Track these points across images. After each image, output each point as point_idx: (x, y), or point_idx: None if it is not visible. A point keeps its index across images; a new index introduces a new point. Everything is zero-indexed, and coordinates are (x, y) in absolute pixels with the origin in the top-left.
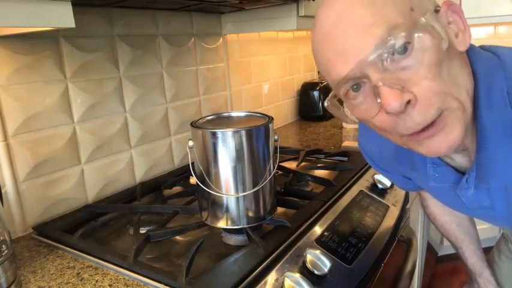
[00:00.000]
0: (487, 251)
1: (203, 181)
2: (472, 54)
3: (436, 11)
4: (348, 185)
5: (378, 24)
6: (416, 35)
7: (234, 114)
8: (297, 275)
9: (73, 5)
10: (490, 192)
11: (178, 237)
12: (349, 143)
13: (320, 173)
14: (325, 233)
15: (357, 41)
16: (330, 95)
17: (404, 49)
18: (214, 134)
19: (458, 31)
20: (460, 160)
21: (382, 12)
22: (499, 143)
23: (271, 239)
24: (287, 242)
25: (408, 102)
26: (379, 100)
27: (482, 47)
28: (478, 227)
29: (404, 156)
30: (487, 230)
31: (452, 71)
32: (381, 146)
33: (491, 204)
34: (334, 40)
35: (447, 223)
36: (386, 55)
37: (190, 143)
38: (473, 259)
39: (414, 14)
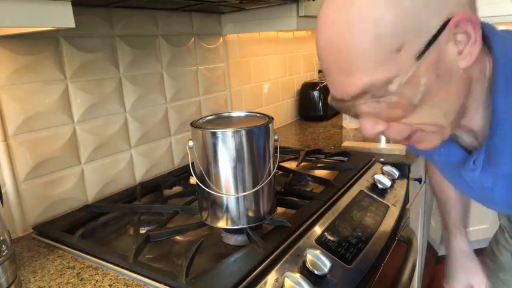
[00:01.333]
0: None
1: (203, 181)
2: (493, 38)
3: (443, 27)
4: (348, 185)
5: (356, 76)
6: (388, 92)
7: (234, 114)
8: (297, 275)
9: (73, 5)
10: (494, 175)
11: (178, 237)
12: (349, 143)
13: (320, 173)
14: (325, 233)
15: (340, 81)
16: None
17: (380, 97)
18: (214, 134)
19: (466, 46)
20: (467, 140)
21: (360, 64)
22: (510, 128)
23: (271, 239)
24: (287, 242)
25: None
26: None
27: (504, 31)
28: (478, 227)
29: None
30: (487, 229)
31: (436, 101)
32: None
33: (492, 186)
34: (325, 63)
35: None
36: (364, 98)
37: (190, 143)
38: (456, 219)
39: (401, 56)
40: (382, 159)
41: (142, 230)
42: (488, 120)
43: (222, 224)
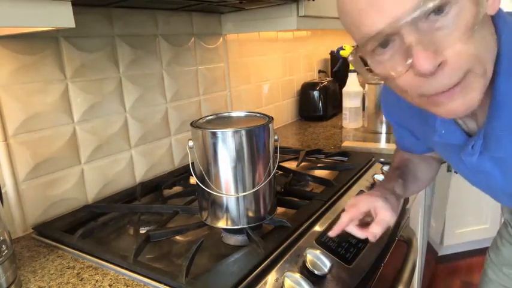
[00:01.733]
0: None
1: (203, 181)
2: (499, 20)
3: None
4: (348, 185)
5: None
6: None
7: (234, 114)
8: (297, 275)
9: (73, 5)
10: (491, 160)
11: (178, 237)
12: (349, 143)
13: (320, 173)
14: (325, 233)
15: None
16: (354, 50)
17: (443, 9)
18: (214, 134)
19: None
20: (470, 125)
21: None
22: (510, 115)
23: (271, 239)
24: (287, 242)
25: (439, 64)
26: (409, 60)
27: (510, 13)
28: (478, 227)
29: (417, 107)
30: (487, 230)
31: (484, 35)
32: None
33: (489, 171)
34: None
35: (408, 156)
36: (424, 14)
37: (190, 143)
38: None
39: None
40: (382, 159)
41: (142, 230)
42: (488, 105)
43: (222, 224)
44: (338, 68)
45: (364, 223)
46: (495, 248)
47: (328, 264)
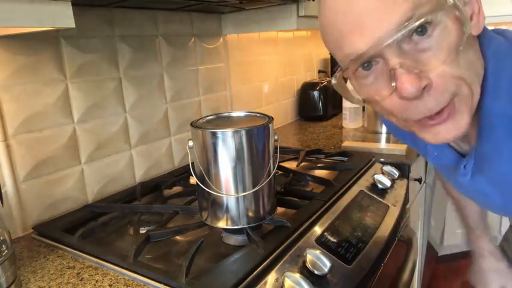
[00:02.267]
0: None
1: (203, 181)
2: (484, 38)
3: None
4: (348, 185)
5: (401, 1)
6: (440, 16)
7: (234, 114)
8: (297, 275)
9: (73, 5)
10: (485, 180)
11: (178, 237)
12: (349, 143)
13: (320, 173)
14: (325, 233)
15: (378, 16)
16: (337, 72)
17: (426, 30)
18: (214, 134)
19: (473, 13)
20: (463, 145)
21: None
22: (501, 134)
23: (271, 239)
24: (287, 242)
25: (424, 87)
26: (393, 83)
27: (495, 31)
28: None
29: (406, 131)
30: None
31: (469, 56)
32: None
33: (486, 191)
34: (352, 11)
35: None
36: (407, 34)
37: (190, 143)
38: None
39: None
40: (382, 159)
41: (142, 230)
42: (477, 125)
43: (222, 224)
44: None
45: None
46: (501, 252)
47: (328, 264)
